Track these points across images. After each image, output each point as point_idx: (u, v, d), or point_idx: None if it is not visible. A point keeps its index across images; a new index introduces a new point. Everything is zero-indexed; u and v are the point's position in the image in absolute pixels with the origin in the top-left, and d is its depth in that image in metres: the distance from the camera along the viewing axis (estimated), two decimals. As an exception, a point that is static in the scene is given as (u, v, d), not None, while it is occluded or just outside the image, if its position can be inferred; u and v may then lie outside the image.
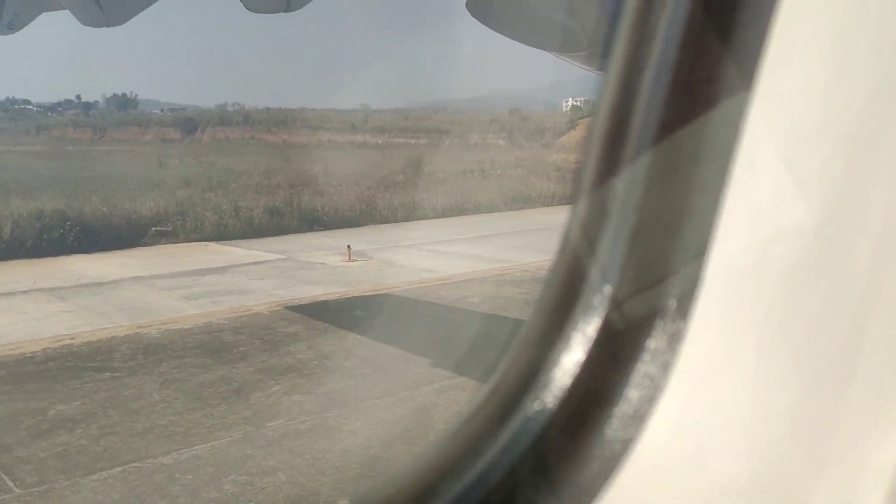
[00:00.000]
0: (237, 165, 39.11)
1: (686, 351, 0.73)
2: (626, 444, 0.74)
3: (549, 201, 28.09)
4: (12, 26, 10.53)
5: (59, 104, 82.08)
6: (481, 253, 18.18)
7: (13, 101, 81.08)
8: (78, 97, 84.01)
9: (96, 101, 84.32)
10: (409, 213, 24.33)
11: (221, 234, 20.00)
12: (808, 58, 0.69)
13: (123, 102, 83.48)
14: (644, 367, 0.74)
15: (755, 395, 0.72)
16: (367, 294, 13.77)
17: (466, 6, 6.44)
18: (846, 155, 0.69)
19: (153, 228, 19.68)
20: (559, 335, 0.78)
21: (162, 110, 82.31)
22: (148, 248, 18.78)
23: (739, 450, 0.72)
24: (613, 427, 0.74)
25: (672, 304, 0.73)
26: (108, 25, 8.64)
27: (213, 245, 19.20)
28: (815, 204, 0.69)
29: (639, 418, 0.74)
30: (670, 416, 0.73)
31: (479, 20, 6.50)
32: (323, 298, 13.39)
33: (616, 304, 0.75)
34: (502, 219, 24.11)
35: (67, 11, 9.10)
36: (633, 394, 0.74)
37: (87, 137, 67.14)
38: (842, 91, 0.69)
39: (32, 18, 10.72)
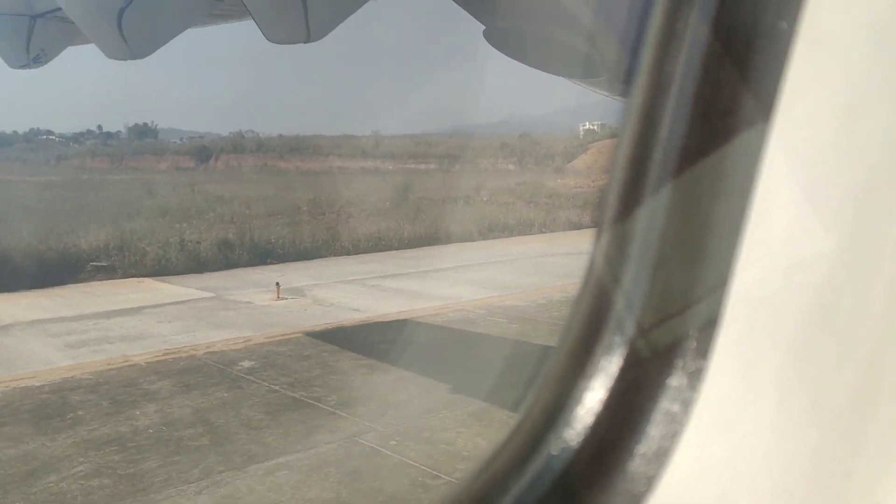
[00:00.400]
0: (230, 193, 38.04)
1: (706, 390, 0.72)
2: (649, 482, 0.73)
3: (527, 230, 26.51)
4: (38, 60, 10.75)
5: (82, 134, 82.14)
6: (425, 289, 16.65)
7: (36, 132, 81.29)
8: (99, 127, 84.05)
9: (119, 131, 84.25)
10: (373, 244, 22.87)
11: (163, 269, 18.67)
12: (826, 88, 0.69)
13: (144, 132, 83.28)
14: (666, 405, 0.73)
15: (775, 437, 0.71)
16: (269, 340, 12.28)
17: (483, 35, 6.43)
18: (866, 185, 0.68)
19: (90, 264, 18.39)
20: (583, 368, 0.78)
21: (181, 139, 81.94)
22: (78, 285, 17.48)
23: (760, 492, 0.71)
24: (637, 465, 0.74)
25: (694, 335, 0.73)
26: (132, 58, 8.75)
27: (148, 281, 17.86)
28: (835, 235, 0.69)
29: (661, 457, 0.73)
30: (692, 455, 0.73)
31: (497, 48, 6.48)
32: (219, 346, 11.92)
33: (642, 332, 0.75)
34: (469, 249, 22.53)
35: (93, 45, 9.10)
36: (655, 432, 0.74)
37: (104, 166, 66.72)
38: (861, 121, 0.68)
39: (59, 52, 11.00)
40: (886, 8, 0.67)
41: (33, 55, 10.61)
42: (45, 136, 79.95)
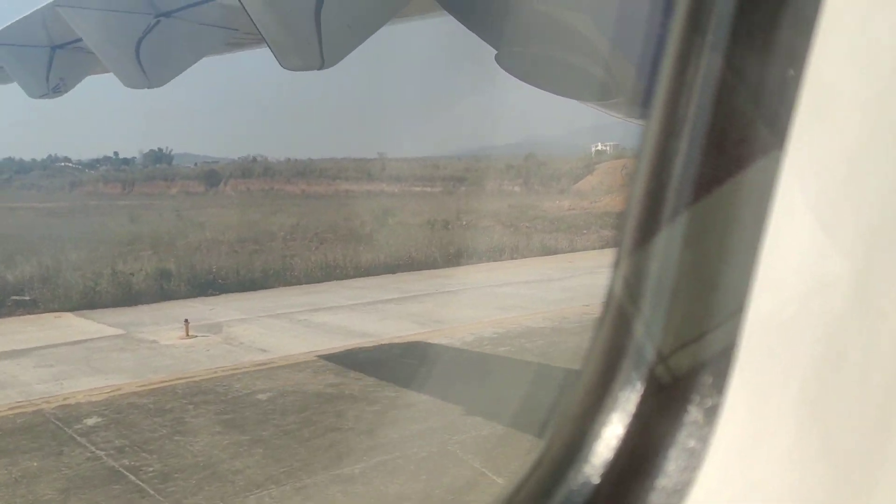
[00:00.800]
0: (215, 219, 36.90)
1: (723, 425, 0.71)
2: None
3: (497, 256, 24.80)
4: (58, 89, 10.80)
5: (98, 161, 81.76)
6: (352, 324, 15.09)
7: (54, 159, 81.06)
8: (115, 153, 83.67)
9: (134, 158, 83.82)
10: (327, 273, 21.35)
11: (92, 302, 17.27)
12: (839, 117, 0.68)
13: (158, 157, 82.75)
14: (684, 440, 0.72)
15: (791, 474, 0.69)
16: (141, 389, 10.78)
17: (496, 59, 6.32)
18: (879, 211, 0.67)
19: (11, 298, 17.05)
20: (603, 401, 0.76)
21: (196, 164, 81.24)
22: (-9, 321, 16.12)
23: None
24: (656, 499, 0.72)
25: (712, 363, 0.70)
26: (150, 87, 8.88)
27: (67, 317, 16.44)
28: (850, 260, 0.68)
29: (680, 492, 0.71)
30: (710, 488, 0.71)
31: (509, 72, 6.36)
32: (80, 398, 10.44)
33: (661, 358, 0.73)
34: (424, 278, 20.94)
35: (111, 74, 9.28)
36: (674, 467, 0.72)
37: (116, 192, 65.97)
38: (874, 149, 0.67)
39: (78, 81, 11.08)
40: (890, 59, 0.67)
41: (53, 85, 10.69)
42: (62, 163, 79.71)
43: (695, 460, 0.70)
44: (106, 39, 8.83)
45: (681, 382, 0.71)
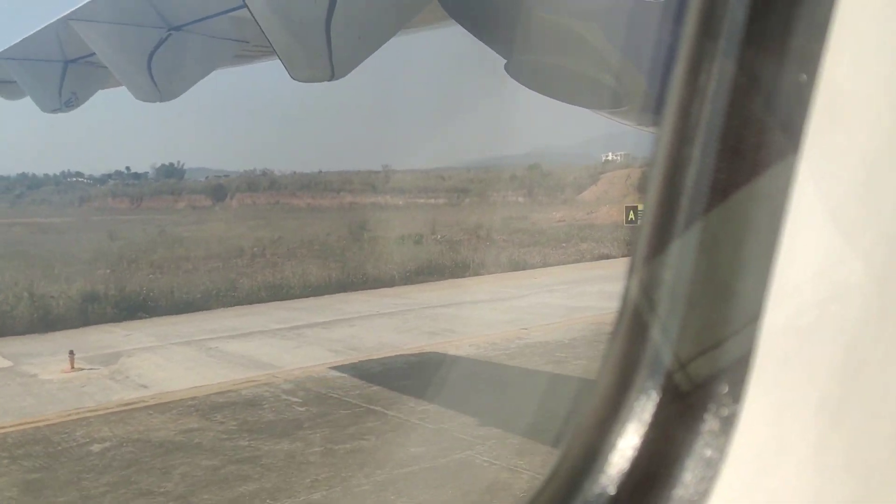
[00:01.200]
0: (201, 234, 35.78)
1: (742, 434, 0.69)
2: None
3: (462, 272, 23.09)
4: (70, 104, 10.61)
5: (110, 175, 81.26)
6: (260, 353, 13.51)
7: (67, 174, 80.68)
8: (127, 168, 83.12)
9: (146, 172, 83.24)
10: (272, 293, 19.79)
11: (3, 329, 15.85)
12: (854, 120, 0.66)
13: (170, 172, 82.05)
14: (702, 449, 0.70)
15: (809, 485, 0.67)
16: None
17: (505, 68, 6.28)
18: None
19: (-85, 324, 15.71)
20: (619, 411, 0.74)
21: (207, 177, 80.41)
22: None
23: None
24: None
25: (730, 371, 0.69)
26: (161, 100, 8.78)
27: (-34, 345, 15.05)
28: (869, 266, 0.66)
29: (697, 502, 0.69)
30: (728, 499, 0.69)
31: (519, 81, 6.33)
32: None
33: (680, 365, 0.71)
34: (371, 298, 19.32)
35: (123, 87, 9.21)
36: (691, 476, 0.70)
37: (123, 207, 65.17)
38: (890, 152, 0.65)
39: (90, 96, 10.92)
40: None
41: (65, 99, 10.52)
42: (74, 178, 79.30)
43: (712, 470, 0.68)
44: (118, 53, 8.83)
45: (697, 391, 0.69)
